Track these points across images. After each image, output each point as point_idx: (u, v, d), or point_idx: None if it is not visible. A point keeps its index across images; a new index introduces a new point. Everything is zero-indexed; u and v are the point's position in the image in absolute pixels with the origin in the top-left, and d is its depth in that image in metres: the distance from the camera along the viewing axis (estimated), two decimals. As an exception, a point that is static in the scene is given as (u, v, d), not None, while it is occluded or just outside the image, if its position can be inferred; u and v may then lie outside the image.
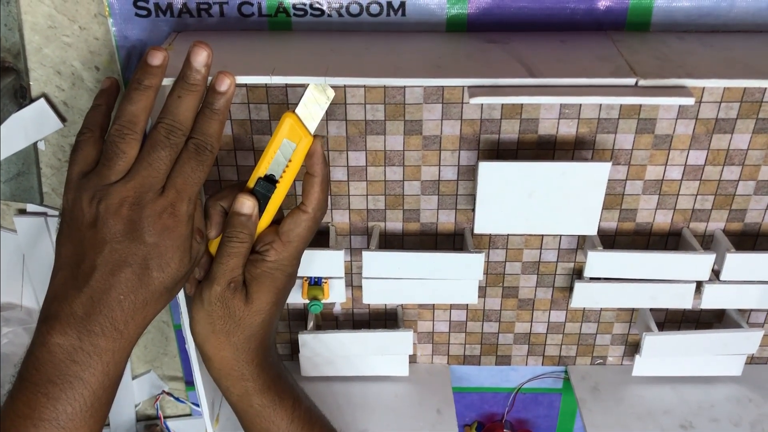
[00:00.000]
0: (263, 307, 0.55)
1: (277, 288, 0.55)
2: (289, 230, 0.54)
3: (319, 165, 0.54)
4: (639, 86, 0.49)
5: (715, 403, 0.71)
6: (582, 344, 0.73)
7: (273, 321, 0.57)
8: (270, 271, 0.54)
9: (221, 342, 0.55)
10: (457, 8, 0.56)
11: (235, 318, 0.54)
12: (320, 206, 0.55)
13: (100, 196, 0.48)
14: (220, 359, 0.55)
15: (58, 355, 0.47)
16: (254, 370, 0.56)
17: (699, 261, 0.62)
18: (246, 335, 0.55)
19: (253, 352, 0.56)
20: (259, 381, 0.56)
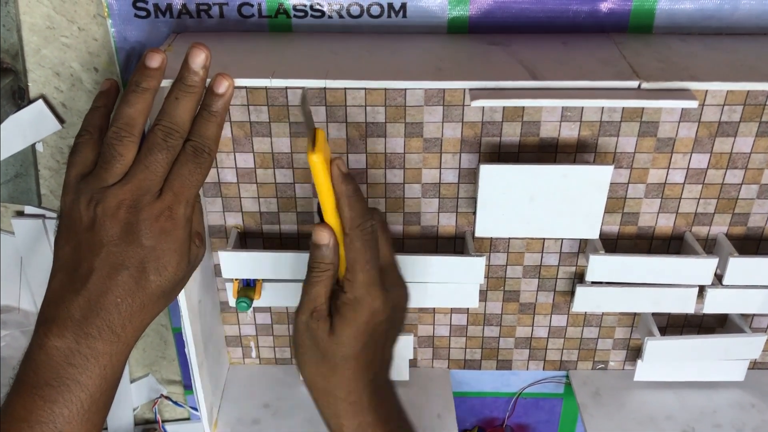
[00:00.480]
0: (345, 340, 0.52)
1: (358, 321, 0.52)
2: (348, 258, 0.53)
3: (336, 183, 0.51)
4: (642, 89, 0.48)
5: (718, 409, 0.70)
6: (583, 349, 0.73)
7: (363, 358, 0.53)
8: (349, 303, 0.52)
9: (312, 372, 0.54)
10: (459, 10, 0.56)
11: (320, 348, 0.53)
12: (354, 223, 0.51)
13: (97, 199, 0.48)
14: (315, 390, 0.55)
15: (55, 357, 0.47)
16: (348, 408, 0.54)
17: (701, 265, 0.62)
18: (331, 366, 0.53)
19: (344, 390, 0.53)
20: (352, 421, 0.54)
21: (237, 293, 0.64)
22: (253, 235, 0.66)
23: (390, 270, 0.55)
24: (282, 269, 0.63)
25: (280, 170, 0.62)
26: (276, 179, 0.63)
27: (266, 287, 0.65)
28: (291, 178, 0.62)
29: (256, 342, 0.73)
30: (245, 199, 0.64)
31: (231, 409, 0.71)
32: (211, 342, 0.68)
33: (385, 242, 0.54)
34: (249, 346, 0.73)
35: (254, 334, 0.73)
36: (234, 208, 0.64)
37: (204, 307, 0.65)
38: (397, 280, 0.55)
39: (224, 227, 0.65)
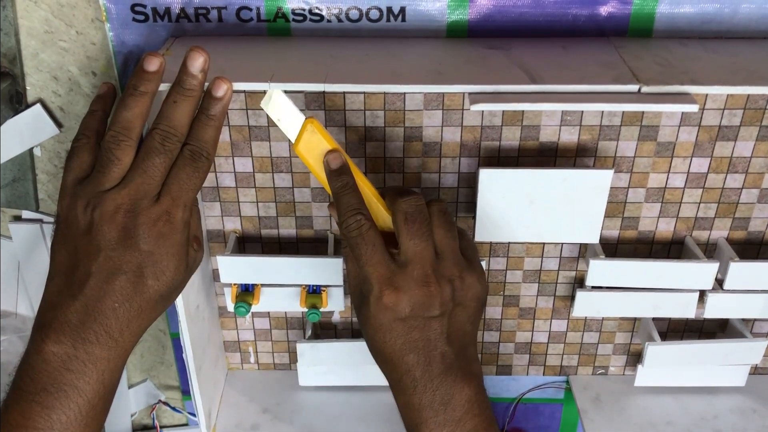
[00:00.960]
0: (370, 339, 0.53)
1: (379, 320, 0.52)
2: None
3: (327, 179, 0.52)
4: (642, 93, 0.48)
5: (719, 414, 0.70)
6: (584, 354, 0.72)
7: (403, 359, 0.51)
8: (360, 301, 0.54)
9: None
10: (458, 14, 0.56)
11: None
12: (340, 221, 0.52)
13: (94, 203, 0.47)
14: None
15: (52, 363, 0.47)
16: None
17: (702, 270, 0.62)
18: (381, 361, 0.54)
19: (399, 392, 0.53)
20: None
21: (235, 298, 0.64)
22: (251, 239, 0.65)
23: (446, 258, 0.51)
24: (281, 274, 0.63)
25: (279, 174, 0.62)
26: (275, 183, 0.62)
27: (265, 292, 0.65)
28: (290, 183, 0.62)
29: (254, 347, 0.73)
30: (244, 204, 0.64)
31: (229, 414, 0.70)
32: (210, 347, 0.67)
33: (440, 229, 0.52)
34: (247, 351, 0.73)
35: (253, 339, 0.72)
36: (232, 212, 0.64)
37: (202, 312, 0.64)
38: (454, 270, 0.51)
39: (223, 232, 0.65)
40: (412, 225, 0.50)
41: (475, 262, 0.54)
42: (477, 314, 0.53)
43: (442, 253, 0.51)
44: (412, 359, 0.50)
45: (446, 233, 0.52)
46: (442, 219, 0.52)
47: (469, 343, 0.53)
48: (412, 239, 0.50)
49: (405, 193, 0.52)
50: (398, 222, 0.51)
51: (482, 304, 0.54)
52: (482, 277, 0.53)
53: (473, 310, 0.52)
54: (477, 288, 0.52)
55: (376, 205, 0.53)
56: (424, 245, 0.50)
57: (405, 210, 0.51)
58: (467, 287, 0.52)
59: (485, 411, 0.51)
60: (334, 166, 0.52)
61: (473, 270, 0.53)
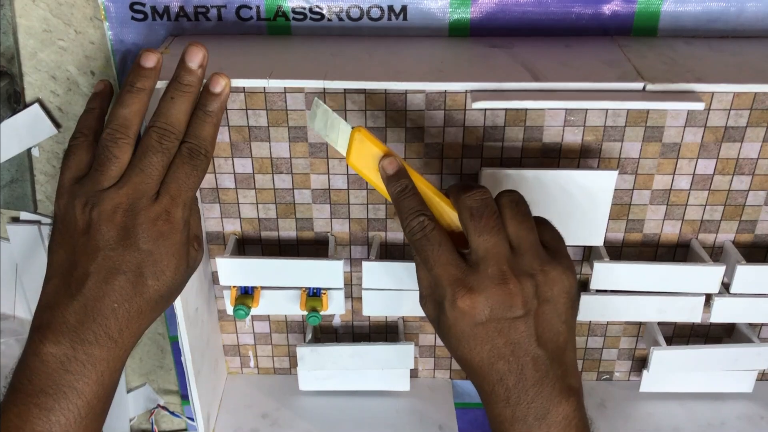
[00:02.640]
0: (449, 344, 0.50)
1: (453, 325, 0.49)
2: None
3: (385, 185, 0.50)
4: (647, 91, 0.47)
5: (726, 421, 0.69)
6: (588, 359, 0.71)
7: (485, 365, 0.48)
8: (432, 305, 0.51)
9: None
10: (460, 12, 0.55)
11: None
12: (403, 225, 0.50)
13: (93, 203, 0.47)
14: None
15: (51, 364, 0.46)
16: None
17: (708, 273, 0.61)
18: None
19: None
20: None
21: (235, 301, 0.63)
22: (251, 241, 0.65)
23: (523, 252, 0.48)
24: (281, 277, 0.63)
25: (279, 176, 0.61)
26: (275, 185, 0.62)
27: (265, 295, 0.64)
28: (290, 184, 0.62)
29: (254, 351, 0.72)
30: (243, 205, 0.63)
31: (228, 419, 0.69)
32: (209, 351, 0.67)
33: (513, 221, 0.48)
34: (247, 355, 0.72)
35: (252, 343, 0.71)
36: (232, 214, 0.63)
37: (201, 315, 0.64)
38: (534, 264, 0.48)
39: (222, 234, 0.64)
40: (479, 220, 0.47)
41: (560, 253, 0.49)
42: (569, 311, 0.48)
43: (518, 247, 0.48)
44: (503, 367, 0.47)
45: (520, 225, 0.48)
46: (514, 210, 0.48)
47: (566, 347, 0.48)
48: (481, 235, 0.47)
49: (468, 188, 0.49)
50: (465, 219, 0.48)
51: (574, 300, 0.49)
52: (570, 269, 0.49)
53: (563, 307, 0.48)
54: (564, 282, 0.48)
55: (439, 205, 0.50)
56: (495, 240, 0.47)
57: (470, 205, 0.48)
58: (552, 281, 0.47)
59: (582, 430, 0.48)
60: (391, 171, 0.50)
61: (557, 262, 0.48)
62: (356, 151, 0.50)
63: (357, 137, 0.50)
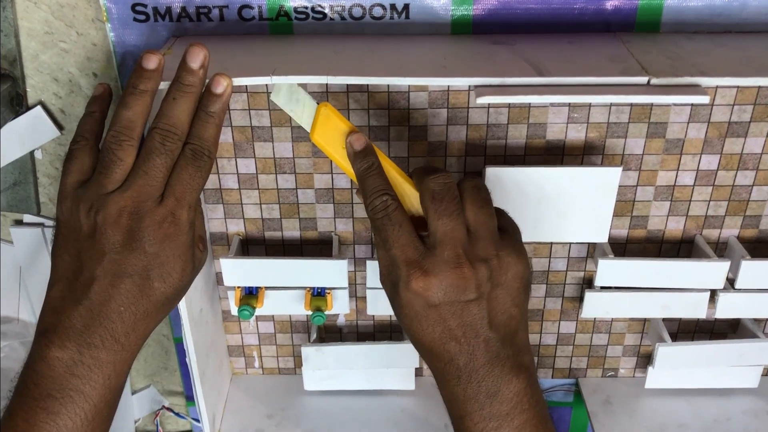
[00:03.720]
0: (406, 328, 0.51)
1: (410, 307, 0.49)
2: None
3: (350, 161, 0.51)
4: (651, 85, 0.47)
5: (732, 417, 0.69)
6: (593, 356, 0.71)
7: (434, 347, 0.49)
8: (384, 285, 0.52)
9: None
10: (463, 10, 0.55)
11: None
12: (365, 203, 0.50)
13: (98, 207, 0.47)
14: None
15: (57, 368, 0.46)
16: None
17: (713, 269, 0.61)
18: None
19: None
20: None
21: (239, 301, 0.63)
22: (255, 242, 0.65)
23: (480, 237, 0.48)
24: (285, 277, 0.62)
25: (282, 176, 0.61)
26: (278, 185, 0.62)
27: (269, 295, 0.64)
28: (293, 184, 0.62)
29: (258, 352, 0.72)
30: (247, 206, 0.63)
31: (233, 420, 0.69)
32: (213, 352, 0.67)
33: (473, 206, 0.48)
34: (252, 356, 0.72)
35: (257, 343, 0.71)
36: (236, 214, 0.63)
37: (205, 316, 0.64)
38: (490, 249, 0.48)
39: (226, 234, 0.64)
40: (440, 203, 0.47)
41: (515, 239, 0.50)
42: (522, 296, 0.49)
43: (475, 232, 0.48)
44: (454, 348, 0.48)
45: (479, 210, 0.48)
46: (474, 196, 0.49)
47: (518, 329, 0.49)
48: (440, 218, 0.47)
49: (432, 171, 0.49)
50: (426, 201, 0.48)
51: (527, 285, 0.50)
52: (523, 255, 0.49)
53: (516, 291, 0.49)
54: (518, 267, 0.48)
55: (402, 186, 0.50)
56: (453, 224, 0.47)
57: (432, 188, 0.48)
58: (506, 266, 0.48)
59: (536, 406, 0.48)
60: (358, 147, 0.50)
61: (512, 248, 0.49)
62: (321, 127, 0.50)
63: (323, 112, 0.50)
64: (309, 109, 0.50)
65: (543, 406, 0.49)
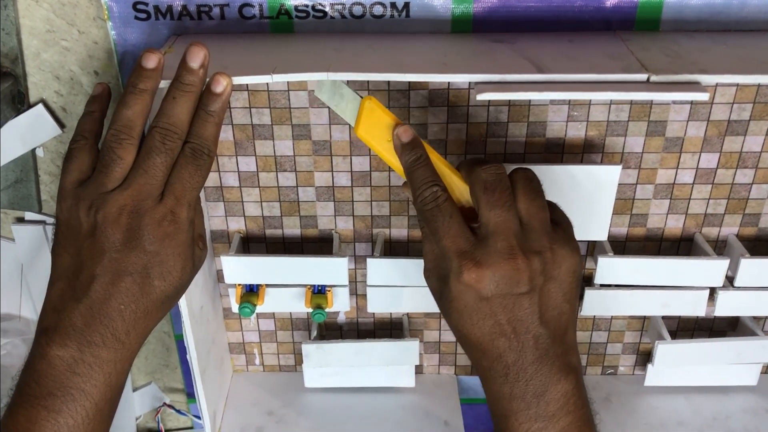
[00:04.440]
0: (454, 322, 0.50)
1: (458, 300, 0.48)
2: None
3: (397, 154, 0.50)
4: (651, 82, 0.47)
5: (731, 414, 0.69)
6: (592, 353, 0.71)
7: (484, 340, 0.48)
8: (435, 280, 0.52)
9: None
10: (463, 8, 0.55)
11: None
12: (414, 196, 0.50)
13: (97, 205, 0.47)
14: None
15: (58, 367, 0.46)
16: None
17: (712, 267, 0.61)
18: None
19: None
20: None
21: (240, 299, 0.63)
22: (255, 239, 0.65)
23: (533, 229, 0.48)
24: (285, 274, 0.63)
25: (283, 173, 0.61)
26: (279, 183, 0.62)
27: (269, 292, 0.64)
28: (294, 182, 0.62)
29: (259, 349, 0.72)
30: (248, 204, 0.63)
31: (234, 417, 0.70)
32: (214, 349, 0.67)
33: (525, 197, 0.48)
34: (252, 353, 0.72)
35: (258, 341, 0.72)
36: (236, 212, 0.63)
37: (206, 313, 0.64)
38: (543, 242, 0.47)
39: (227, 232, 0.64)
40: (492, 194, 0.47)
41: (568, 233, 0.50)
42: (573, 291, 0.48)
43: (528, 224, 0.47)
44: (503, 344, 0.47)
45: (532, 202, 0.48)
46: (527, 187, 0.48)
47: (568, 326, 0.48)
48: (492, 209, 0.47)
49: (483, 162, 0.49)
50: (477, 192, 0.48)
51: (578, 279, 0.49)
52: (576, 249, 0.49)
53: (569, 286, 0.48)
54: (571, 261, 0.48)
55: (451, 178, 0.50)
56: (506, 215, 0.46)
57: (484, 179, 0.47)
58: (560, 259, 0.47)
59: (581, 408, 0.47)
60: (405, 139, 0.50)
61: (565, 242, 0.48)
62: (366, 121, 0.50)
63: (367, 106, 0.50)
64: (353, 103, 0.50)
65: (588, 408, 0.49)
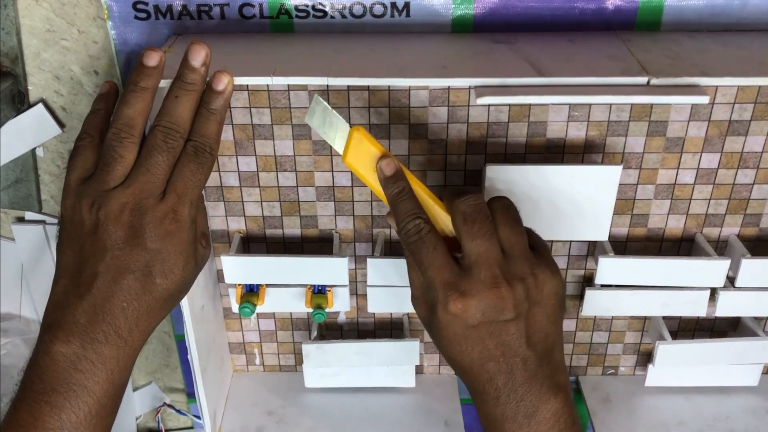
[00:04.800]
0: (441, 347, 0.51)
1: (441, 328, 0.50)
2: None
3: (381, 186, 0.51)
4: (651, 85, 0.47)
5: (731, 415, 0.69)
6: (593, 354, 0.71)
7: (472, 366, 0.50)
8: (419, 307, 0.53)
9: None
10: (463, 8, 0.55)
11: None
12: (398, 228, 0.51)
13: (100, 203, 0.47)
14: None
15: (61, 363, 0.47)
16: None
17: (713, 267, 0.61)
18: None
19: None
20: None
21: (240, 299, 0.63)
22: (256, 239, 0.65)
23: (514, 256, 0.49)
24: (286, 274, 0.63)
25: (283, 173, 0.61)
26: (279, 183, 0.62)
27: (270, 292, 0.64)
28: (294, 182, 0.62)
29: (260, 349, 0.72)
30: (248, 203, 0.63)
31: (235, 417, 0.70)
32: (214, 349, 0.67)
33: (505, 226, 0.49)
34: (253, 353, 0.72)
35: (258, 341, 0.72)
36: (237, 212, 0.63)
37: (207, 313, 0.64)
38: (525, 268, 0.48)
39: (227, 232, 0.64)
40: (473, 225, 0.48)
41: (547, 257, 0.51)
42: (557, 312, 0.50)
43: (509, 252, 0.48)
44: (493, 367, 0.48)
45: (511, 230, 0.49)
46: (505, 216, 0.49)
47: (554, 347, 0.50)
48: (474, 240, 0.48)
49: (463, 193, 0.50)
50: (458, 223, 0.49)
51: (562, 301, 0.50)
52: (557, 271, 0.50)
53: (552, 308, 0.49)
54: (552, 283, 0.49)
55: (434, 209, 0.51)
56: (488, 245, 0.48)
57: (464, 210, 0.48)
58: (541, 284, 0.49)
59: (572, 426, 0.48)
60: (389, 172, 0.50)
61: (546, 265, 0.49)
62: (353, 151, 0.51)
63: (355, 136, 0.50)
64: (342, 132, 0.51)
65: (578, 426, 0.49)
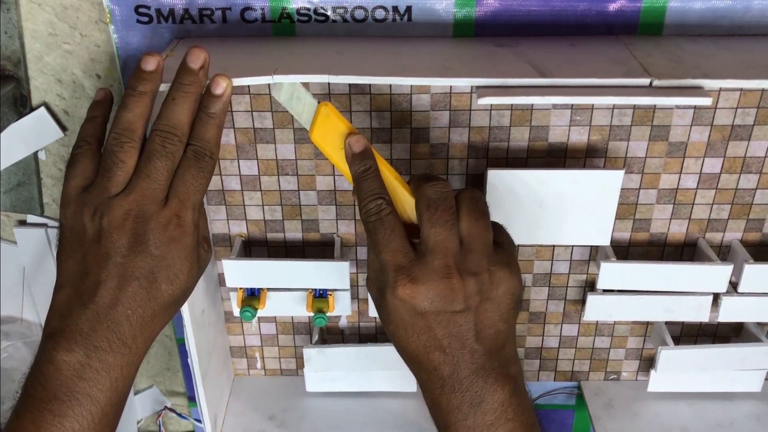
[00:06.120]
0: (390, 333, 0.51)
1: (393, 314, 0.50)
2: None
3: (348, 163, 0.51)
4: (653, 87, 0.47)
5: (734, 421, 0.68)
6: (595, 359, 0.71)
7: (420, 354, 0.49)
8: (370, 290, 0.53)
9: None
10: (465, 12, 0.55)
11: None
12: (360, 206, 0.50)
13: (102, 211, 0.47)
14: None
15: (65, 371, 0.46)
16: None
17: (716, 272, 0.61)
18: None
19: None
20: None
21: (241, 303, 0.63)
22: (257, 243, 0.65)
23: (473, 250, 0.48)
24: (287, 278, 0.62)
25: (285, 177, 0.61)
26: (280, 186, 0.62)
27: (271, 296, 0.64)
28: (296, 186, 0.62)
29: (261, 353, 0.72)
30: (249, 207, 0.63)
31: (235, 421, 0.69)
32: (215, 353, 0.67)
33: (468, 218, 0.48)
34: (254, 357, 0.72)
35: (259, 344, 0.71)
36: (238, 216, 0.63)
37: (208, 317, 0.64)
38: (482, 263, 0.48)
39: (228, 235, 0.64)
40: (435, 211, 0.47)
41: (510, 255, 0.50)
42: (511, 312, 0.49)
43: (468, 244, 0.48)
44: (439, 357, 0.48)
45: (475, 222, 0.48)
46: (471, 207, 0.48)
47: (505, 344, 0.49)
48: (433, 227, 0.47)
49: (431, 178, 0.49)
50: (421, 208, 0.48)
51: (517, 301, 0.49)
52: (515, 271, 0.49)
53: (506, 307, 0.49)
54: (509, 283, 0.48)
55: (399, 191, 0.50)
56: (446, 234, 0.47)
57: (429, 195, 0.48)
58: (497, 281, 0.48)
59: (521, 415, 0.48)
60: (357, 149, 0.50)
61: (505, 264, 0.48)
62: (320, 127, 0.50)
63: (323, 111, 0.50)
64: (309, 107, 0.50)
65: (530, 413, 0.49)
